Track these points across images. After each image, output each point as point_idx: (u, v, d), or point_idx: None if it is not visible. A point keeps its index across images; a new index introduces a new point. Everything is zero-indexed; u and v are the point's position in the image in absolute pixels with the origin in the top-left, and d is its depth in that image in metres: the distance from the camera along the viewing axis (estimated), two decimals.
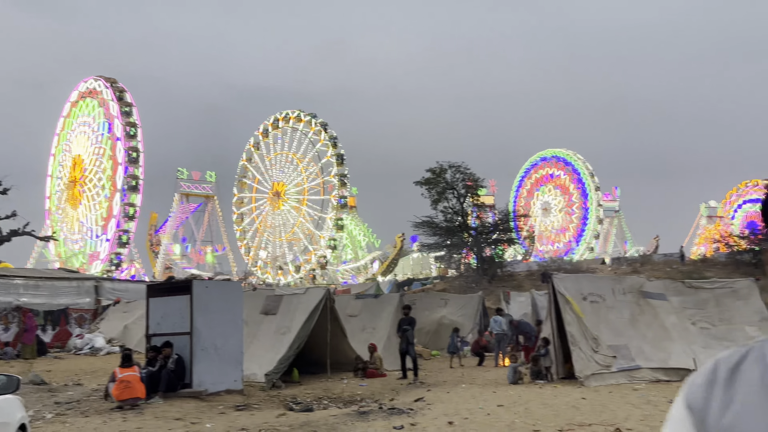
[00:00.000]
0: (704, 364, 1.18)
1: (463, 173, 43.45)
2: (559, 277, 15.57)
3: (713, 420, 1.08)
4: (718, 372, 1.13)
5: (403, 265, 71.51)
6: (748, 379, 1.09)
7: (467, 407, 10.61)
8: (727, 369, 1.12)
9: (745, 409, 1.05)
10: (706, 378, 1.13)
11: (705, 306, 14.34)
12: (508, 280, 40.29)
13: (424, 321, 22.35)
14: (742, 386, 1.08)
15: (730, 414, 1.07)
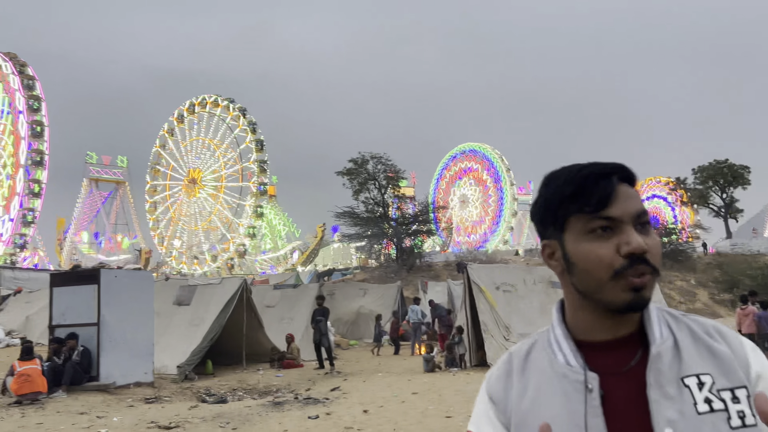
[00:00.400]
0: (500, 358, 1.26)
1: (384, 164, 43.74)
2: (473, 268, 15.97)
3: (513, 406, 1.16)
4: (513, 362, 1.21)
5: (324, 256, 71.37)
6: (538, 365, 1.17)
7: (383, 396, 10.73)
8: (519, 359, 1.20)
9: (539, 394, 1.13)
10: (503, 370, 1.22)
11: None
12: (426, 270, 40.92)
13: (343, 311, 22.43)
14: (534, 373, 1.17)
15: (526, 399, 1.14)
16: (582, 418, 1.08)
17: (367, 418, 8.84)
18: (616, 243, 1.09)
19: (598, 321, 1.15)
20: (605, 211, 1.10)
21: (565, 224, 1.14)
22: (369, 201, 43.65)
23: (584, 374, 1.11)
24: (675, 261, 40.09)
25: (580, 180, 1.12)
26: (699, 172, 54.04)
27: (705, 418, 1.05)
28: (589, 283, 1.11)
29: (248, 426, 8.78)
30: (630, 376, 1.11)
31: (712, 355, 1.12)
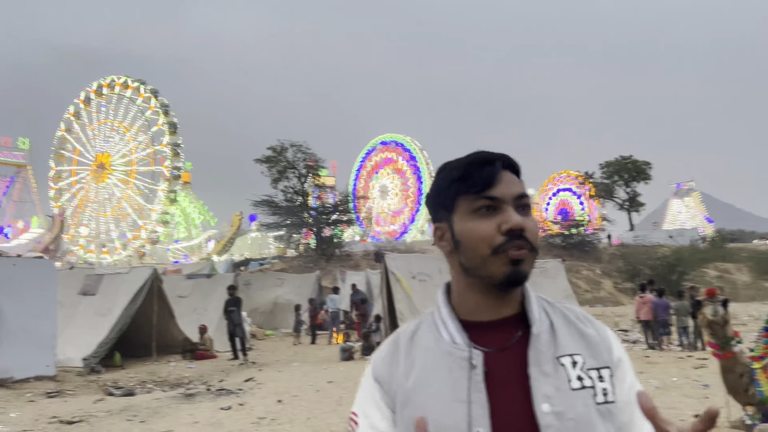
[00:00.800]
0: (385, 341, 1.30)
1: (304, 153, 43.32)
2: (391, 257, 16.14)
3: (398, 385, 1.19)
4: (399, 342, 1.25)
5: (241, 245, 69.90)
6: (424, 344, 1.22)
7: (297, 385, 10.68)
8: (406, 339, 1.25)
9: (424, 371, 1.18)
10: (388, 351, 1.26)
11: None
12: (345, 259, 40.97)
13: (259, 301, 22.13)
14: (419, 352, 1.21)
15: (412, 378, 1.18)
16: (466, 393, 1.14)
17: (281, 408, 8.77)
18: (497, 221, 1.17)
19: (483, 301, 1.22)
20: (488, 191, 1.19)
21: (453, 206, 1.23)
22: (288, 190, 43.18)
23: (469, 351, 1.17)
24: (582, 251, 41.99)
25: (467, 165, 1.22)
26: (605, 167, 56.70)
27: (577, 394, 1.15)
28: (473, 259, 1.19)
29: (157, 419, 8.53)
30: (510, 355, 1.19)
31: (582, 337, 1.23)
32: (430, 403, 1.15)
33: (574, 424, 1.13)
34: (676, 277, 29.95)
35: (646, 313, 14.63)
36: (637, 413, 1.18)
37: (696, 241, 49.36)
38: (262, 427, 7.67)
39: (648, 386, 9.34)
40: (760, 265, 36.76)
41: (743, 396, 6.04)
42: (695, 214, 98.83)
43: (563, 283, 15.89)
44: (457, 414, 1.12)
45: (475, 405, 1.12)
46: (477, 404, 1.13)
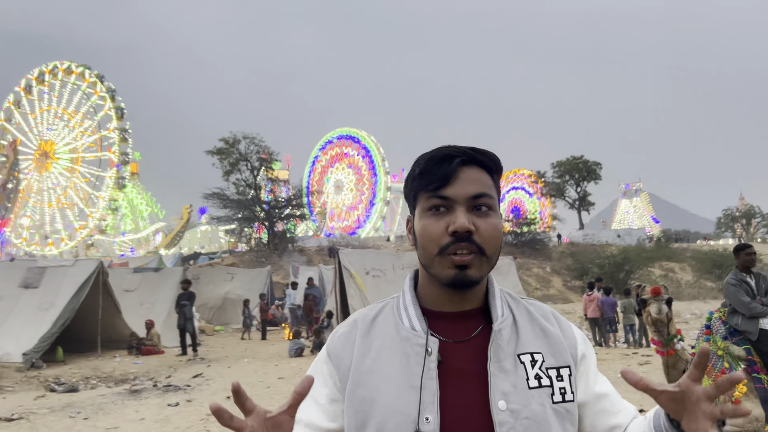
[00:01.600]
0: (346, 320, 1.32)
1: (258, 145, 42.75)
2: (344, 252, 16.10)
3: (355, 366, 1.19)
4: (358, 323, 1.26)
5: (190, 238, 68.55)
6: (383, 329, 1.23)
7: (247, 381, 10.53)
8: (366, 321, 1.25)
9: (380, 354, 1.19)
10: (347, 329, 1.26)
11: None
12: (298, 255, 40.68)
13: (208, 296, 21.75)
14: (378, 335, 1.22)
15: (368, 359, 1.19)
16: (419, 380, 1.14)
17: (230, 405, 8.55)
18: (447, 222, 1.16)
19: (443, 295, 1.22)
20: (441, 191, 1.18)
21: (415, 202, 1.23)
22: (240, 183, 42.54)
23: (426, 338, 1.17)
24: (533, 249, 42.74)
25: (427, 161, 1.21)
26: (557, 167, 57.86)
27: (533, 393, 1.15)
28: (425, 257, 1.20)
29: (101, 415, 8.29)
30: (469, 347, 1.19)
31: (545, 335, 1.23)
32: (383, 387, 1.15)
33: (528, 422, 1.13)
34: (623, 276, 30.77)
35: (594, 310, 14.96)
36: (610, 401, 1.25)
37: (643, 241, 50.87)
38: (210, 424, 7.53)
39: None
40: (702, 264, 38.10)
41: None
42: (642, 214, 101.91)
43: (514, 280, 16.14)
44: (408, 399, 1.13)
45: (426, 392, 1.13)
46: (428, 391, 1.13)
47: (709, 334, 6.68)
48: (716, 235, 77.63)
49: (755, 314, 6.19)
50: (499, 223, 1.20)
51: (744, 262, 6.51)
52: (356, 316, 1.30)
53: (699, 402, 1.03)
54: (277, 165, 47.90)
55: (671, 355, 6.08)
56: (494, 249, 1.18)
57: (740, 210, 75.50)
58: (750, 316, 6.22)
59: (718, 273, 33.73)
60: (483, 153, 1.23)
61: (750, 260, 6.51)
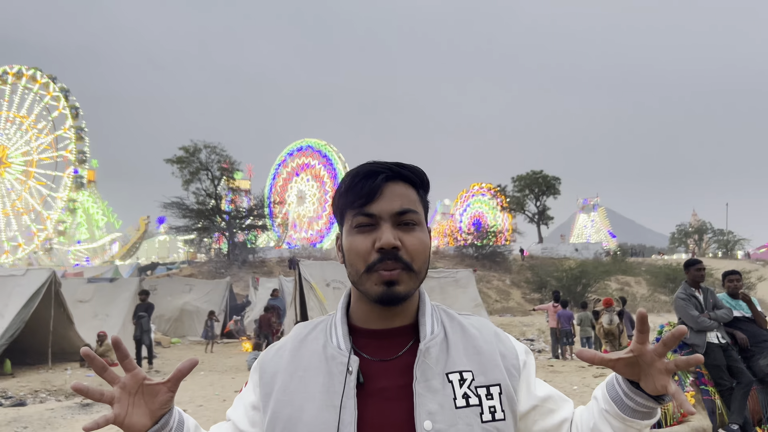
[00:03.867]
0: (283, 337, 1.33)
1: (219, 155, 42.30)
2: (305, 264, 16.00)
3: (282, 384, 1.20)
4: (288, 343, 1.26)
5: (148, 249, 67.22)
6: (312, 347, 1.22)
7: (203, 394, 10.36)
8: (296, 340, 1.25)
9: (307, 373, 1.19)
10: (280, 344, 1.28)
11: (431, 293, 15.85)
12: (259, 266, 40.28)
13: (165, 307, 21.32)
14: (306, 354, 1.22)
15: (296, 378, 1.19)
16: (339, 399, 1.14)
17: (191, 412, 8.45)
18: (373, 238, 1.16)
19: (372, 311, 1.21)
20: (367, 207, 1.17)
21: (342, 219, 1.23)
22: (200, 192, 41.98)
23: (348, 357, 1.17)
24: (493, 262, 43.19)
25: (351, 177, 1.21)
26: (518, 181, 58.72)
27: (460, 413, 1.14)
28: (353, 274, 1.19)
29: (50, 430, 8.05)
30: (396, 365, 1.18)
31: (477, 353, 1.22)
32: (306, 405, 1.15)
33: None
34: (580, 289, 31.33)
35: (555, 321, 15.15)
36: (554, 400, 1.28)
37: (600, 255, 51.87)
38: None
39: None
40: (657, 278, 39.04)
41: None
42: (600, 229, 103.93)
43: (473, 292, 16.24)
44: (327, 419, 1.13)
45: (346, 411, 1.12)
46: (347, 411, 1.12)
47: None
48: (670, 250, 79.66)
49: (703, 328, 6.37)
50: (425, 237, 1.20)
51: (694, 277, 6.71)
52: (292, 333, 1.30)
53: (653, 362, 1.11)
54: (238, 175, 47.47)
55: None
56: (421, 263, 1.19)
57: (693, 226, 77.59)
58: (698, 329, 6.40)
59: (672, 287, 34.60)
60: (408, 168, 1.23)
61: (699, 275, 6.72)
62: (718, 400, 5.99)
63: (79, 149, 62.44)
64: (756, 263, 50.41)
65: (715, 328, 6.38)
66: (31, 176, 65.41)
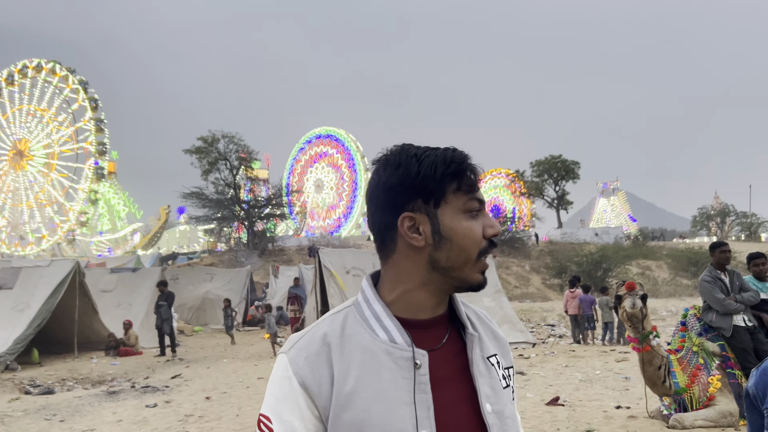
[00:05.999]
0: (305, 336, 1.17)
1: (236, 144, 42.42)
2: (325, 252, 16.01)
3: (337, 388, 1.10)
4: (330, 340, 1.14)
5: (169, 238, 67.98)
6: (359, 343, 1.14)
7: (226, 381, 10.48)
8: (336, 337, 1.15)
9: (363, 372, 1.11)
10: (316, 349, 1.14)
11: None
12: (278, 254, 40.49)
13: (187, 296, 21.56)
14: (355, 351, 1.13)
15: (351, 379, 1.10)
16: (411, 395, 1.11)
17: (209, 405, 8.58)
18: (482, 225, 1.16)
19: (432, 300, 1.19)
20: (478, 194, 1.17)
21: (442, 199, 1.15)
22: (219, 182, 42.18)
23: (412, 351, 1.13)
24: (512, 248, 42.98)
25: (460, 160, 1.16)
26: (536, 166, 58.24)
27: (506, 392, 1.20)
28: (457, 260, 1.15)
29: (78, 417, 8.19)
30: (444, 353, 1.17)
31: (494, 337, 1.27)
32: (373, 406, 1.09)
33: (510, 421, 1.18)
34: (601, 274, 31.07)
35: (575, 307, 15.08)
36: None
37: (620, 239, 51.40)
38: (189, 425, 7.47)
39: (573, 379, 9.64)
40: (678, 262, 38.59)
41: (661, 387, 6.31)
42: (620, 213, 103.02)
43: (494, 278, 16.15)
44: (403, 416, 1.09)
45: (420, 406, 1.10)
46: (422, 405, 1.10)
47: (684, 330, 6.77)
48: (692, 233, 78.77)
49: (729, 311, 6.28)
50: None
51: (719, 259, 6.64)
52: (322, 331, 1.17)
53: None
54: (256, 164, 47.67)
55: (647, 351, 6.15)
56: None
57: (715, 208, 76.60)
58: (724, 312, 6.31)
59: (694, 270, 34.20)
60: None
61: (725, 258, 6.64)
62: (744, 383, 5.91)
63: (99, 141, 63.06)
64: None
65: (742, 311, 6.29)
66: (52, 168, 66.25)
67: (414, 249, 1.16)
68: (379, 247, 1.22)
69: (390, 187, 1.17)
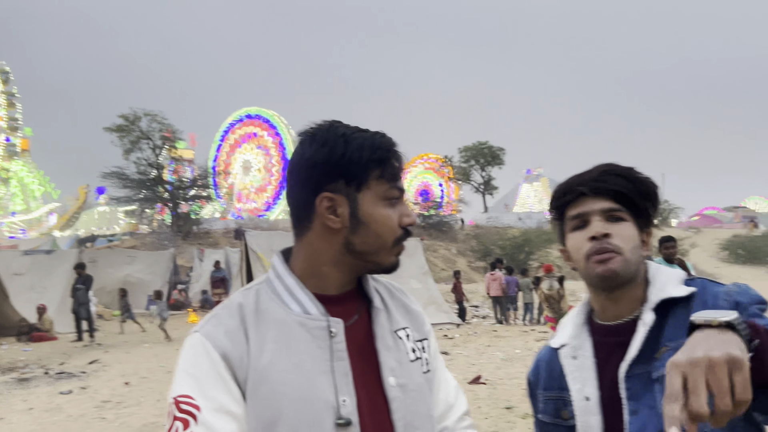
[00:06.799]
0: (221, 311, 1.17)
1: (160, 123, 40.96)
2: (251, 234, 15.78)
3: (253, 362, 1.09)
4: (245, 314, 1.14)
5: (87, 220, 65.10)
6: (273, 316, 1.14)
7: (147, 366, 10.21)
8: (251, 311, 1.15)
9: (279, 345, 1.11)
10: (234, 323, 1.13)
11: None
12: (204, 237, 39.59)
13: (106, 280, 20.77)
14: (270, 325, 1.13)
15: (266, 353, 1.10)
16: (328, 364, 1.12)
17: (127, 391, 8.34)
18: (399, 213, 1.18)
19: (342, 277, 1.20)
20: (399, 183, 1.19)
21: (364, 184, 1.15)
22: (141, 162, 40.70)
23: (327, 321, 1.14)
24: (440, 232, 43.68)
25: (388, 147, 1.17)
26: (464, 152, 59.31)
27: (412, 365, 1.22)
28: (373, 246, 1.16)
29: None
30: (356, 328, 1.19)
31: (406, 311, 1.30)
32: (290, 378, 1.08)
33: (415, 394, 1.19)
34: (523, 257, 32.08)
35: (496, 289, 15.52)
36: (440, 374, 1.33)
37: (542, 224, 53.08)
38: (106, 411, 7.25)
39: (495, 358, 9.94)
40: None
41: None
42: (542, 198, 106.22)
43: (420, 260, 16.36)
44: (322, 385, 1.09)
45: (339, 373, 1.11)
46: (340, 373, 1.11)
47: None
48: None
49: None
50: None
51: (665, 255, 7.07)
52: (237, 305, 1.17)
53: None
54: (181, 144, 46.22)
55: None
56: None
57: None
58: None
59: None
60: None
61: (670, 254, 7.07)
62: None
63: (10, 116, 59.60)
64: (689, 231, 52.63)
65: None
66: None
67: (330, 230, 1.16)
68: (295, 223, 1.21)
69: (313, 164, 1.16)
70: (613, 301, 1.31)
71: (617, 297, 1.30)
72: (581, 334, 1.37)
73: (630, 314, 1.28)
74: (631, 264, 1.26)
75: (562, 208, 1.37)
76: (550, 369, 1.41)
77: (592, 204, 1.30)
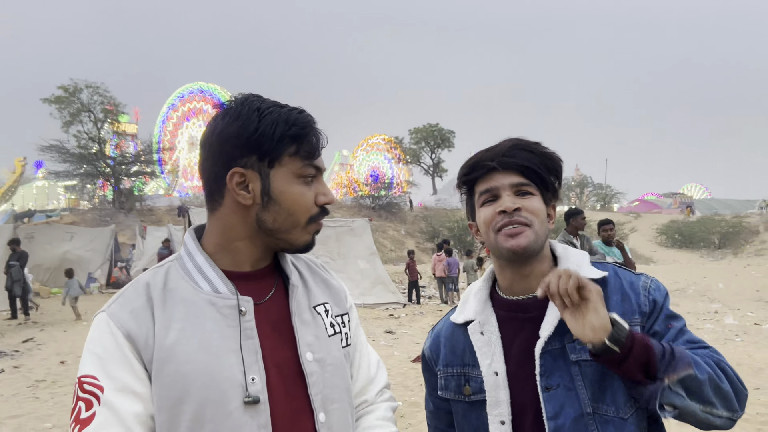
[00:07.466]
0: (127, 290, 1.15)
1: (102, 96, 39.55)
2: (196, 212, 15.50)
3: (158, 341, 1.07)
4: (152, 293, 1.12)
5: (25, 195, 62.68)
6: (182, 295, 1.12)
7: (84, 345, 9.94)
8: (158, 290, 1.13)
9: (186, 324, 1.09)
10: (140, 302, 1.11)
11: (327, 242, 15.90)
12: (147, 214, 38.67)
13: (44, 256, 20.10)
14: (177, 304, 1.11)
15: (173, 332, 1.08)
16: (237, 342, 1.10)
17: (63, 370, 8.12)
18: (314, 192, 1.17)
19: (256, 253, 1.19)
20: (317, 161, 1.17)
21: (277, 161, 1.14)
22: (82, 135, 39.28)
23: (236, 299, 1.13)
24: (389, 213, 43.85)
25: (303, 124, 1.14)
26: (414, 134, 59.50)
27: (331, 340, 1.22)
28: (284, 223, 1.15)
29: None
30: (270, 305, 1.19)
31: (327, 286, 1.31)
32: (197, 357, 1.07)
33: (333, 368, 1.20)
34: (470, 239, 32.50)
35: (441, 270, 15.71)
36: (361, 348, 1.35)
37: None
38: (40, 390, 7.04)
39: None
40: None
41: None
42: None
43: (368, 241, 16.39)
44: (230, 363, 1.08)
45: (247, 352, 1.10)
46: (249, 351, 1.10)
47: None
48: None
49: None
50: None
51: (578, 225, 7.40)
52: (144, 284, 1.14)
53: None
54: (124, 118, 44.78)
55: None
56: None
57: (575, 180, 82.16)
58: None
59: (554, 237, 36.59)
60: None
61: (582, 224, 7.46)
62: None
63: None
64: (629, 215, 54.36)
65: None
66: None
67: (241, 206, 1.15)
68: (208, 197, 1.19)
69: (225, 137, 1.14)
70: (523, 276, 1.33)
71: (527, 272, 1.32)
72: (486, 309, 1.38)
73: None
74: (540, 237, 1.29)
75: (472, 183, 1.37)
76: (452, 345, 1.40)
77: (502, 179, 1.31)
